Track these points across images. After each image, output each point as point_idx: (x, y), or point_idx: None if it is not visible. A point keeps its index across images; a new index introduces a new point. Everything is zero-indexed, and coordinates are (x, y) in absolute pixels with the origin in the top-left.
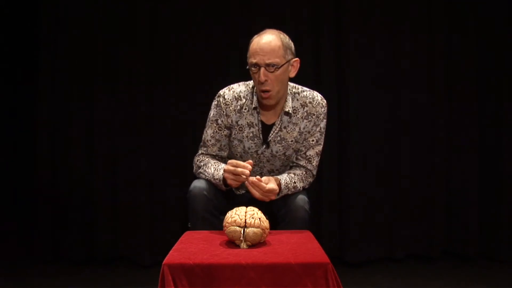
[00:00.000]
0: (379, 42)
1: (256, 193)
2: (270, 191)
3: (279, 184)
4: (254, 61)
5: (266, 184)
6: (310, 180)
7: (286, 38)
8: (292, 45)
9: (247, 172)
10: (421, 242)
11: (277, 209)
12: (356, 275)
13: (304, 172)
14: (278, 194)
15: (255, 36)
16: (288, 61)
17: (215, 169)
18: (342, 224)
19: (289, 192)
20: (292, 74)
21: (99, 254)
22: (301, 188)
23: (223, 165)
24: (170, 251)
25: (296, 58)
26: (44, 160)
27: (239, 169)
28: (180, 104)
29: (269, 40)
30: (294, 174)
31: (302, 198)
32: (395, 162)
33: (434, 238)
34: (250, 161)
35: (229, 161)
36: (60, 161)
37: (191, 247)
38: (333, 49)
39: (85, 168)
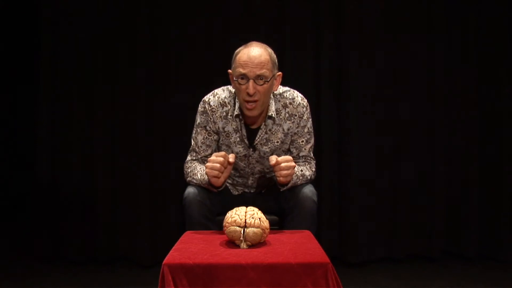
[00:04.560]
0: (379, 42)
1: (280, 174)
2: (286, 160)
3: None
4: (243, 72)
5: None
6: (314, 169)
7: (272, 53)
8: (276, 59)
9: (221, 159)
10: (421, 242)
11: (285, 202)
12: (356, 275)
13: (306, 162)
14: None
15: (241, 47)
16: (274, 75)
17: (201, 174)
18: (342, 224)
19: (298, 181)
20: (275, 88)
21: (99, 254)
22: (309, 177)
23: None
24: (170, 251)
25: (279, 73)
26: (44, 160)
27: (213, 159)
28: (180, 106)
29: (259, 53)
30: (298, 165)
31: (310, 190)
32: (395, 162)
33: (434, 238)
34: (232, 154)
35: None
36: (60, 161)
37: (191, 247)
38: (333, 50)
39: (85, 168)
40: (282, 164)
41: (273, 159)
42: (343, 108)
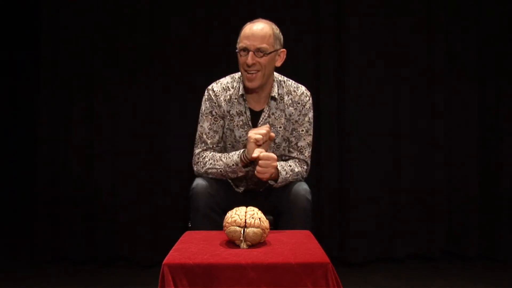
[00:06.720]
0: (380, 41)
1: (257, 169)
2: (268, 157)
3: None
4: (244, 45)
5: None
6: (305, 167)
7: (277, 30)
8: (281, 36)
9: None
10: (421, 242)
11: (279, 201)
12: (356, 275)
13: (297, 160)
14: (277, 180)
15: (248, 23)
16: (276, 50)
17: (226, 158)
18: (342, 224)
19: (288, 176)
20: (278, 63)
21: (99, 254)
22: (299, 174)
23: (233, 152)
24: (170, 251)
25: (283, 49)
26: (44, 160)
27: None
28: (180, 103)
29: (261, 27)
30: (286, 161)
31: (303, 188)
32: (396, 162)
33: (434, 238)
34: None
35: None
36: (60, 161)
37: (191, 247)
38: (333, 49)
39: (85, 168)
40: (261, 162)
41: (257, 152)
42: (343, 108)
